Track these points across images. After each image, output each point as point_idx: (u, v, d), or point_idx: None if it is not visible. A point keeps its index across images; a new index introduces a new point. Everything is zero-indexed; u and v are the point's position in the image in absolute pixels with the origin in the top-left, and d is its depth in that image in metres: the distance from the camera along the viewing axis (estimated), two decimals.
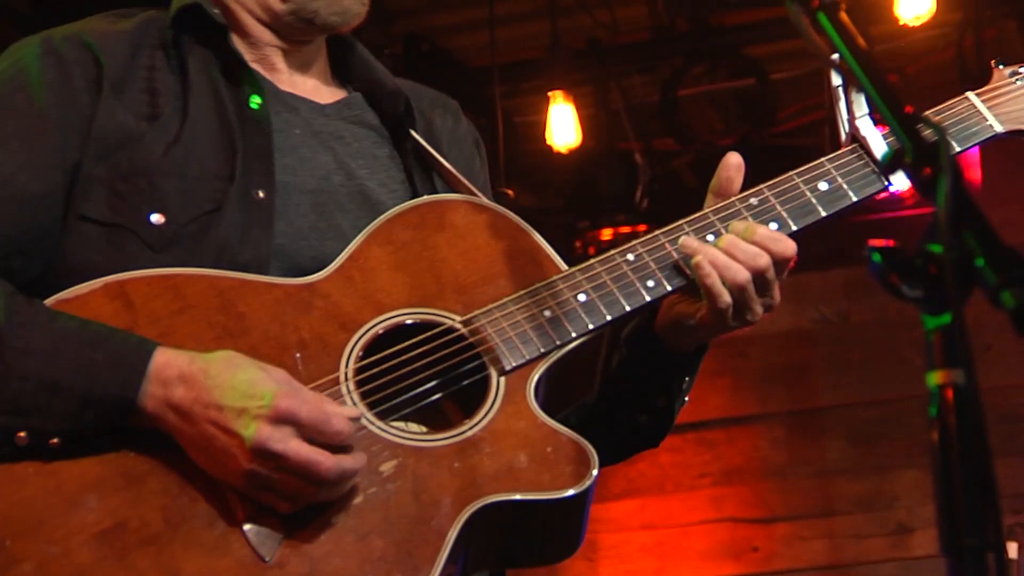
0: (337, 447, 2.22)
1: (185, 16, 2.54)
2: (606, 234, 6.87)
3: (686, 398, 2.64)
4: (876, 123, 2.49)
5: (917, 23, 5.85)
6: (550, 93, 6.56)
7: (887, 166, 2.46)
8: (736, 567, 6.98)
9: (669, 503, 6.91)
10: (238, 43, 2.56)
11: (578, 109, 6.56)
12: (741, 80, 6.83)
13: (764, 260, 2.43)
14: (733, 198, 2.54)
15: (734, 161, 2.55)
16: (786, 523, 6.98)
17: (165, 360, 2.26)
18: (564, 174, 6.90)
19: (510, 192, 6.53)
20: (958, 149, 2.64)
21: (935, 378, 1.85)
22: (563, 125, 6.53)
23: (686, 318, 2.52)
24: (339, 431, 2.22)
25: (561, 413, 2.44)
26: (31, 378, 2.25)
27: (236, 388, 2.23)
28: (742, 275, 2.42)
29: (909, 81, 6.34)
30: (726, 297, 2.42)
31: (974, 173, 5.41)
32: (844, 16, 2.10)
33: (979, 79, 6.28)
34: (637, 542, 6.94)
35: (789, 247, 2.46)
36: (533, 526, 2.34)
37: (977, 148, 2.71)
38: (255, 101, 2.49)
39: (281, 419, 2.20)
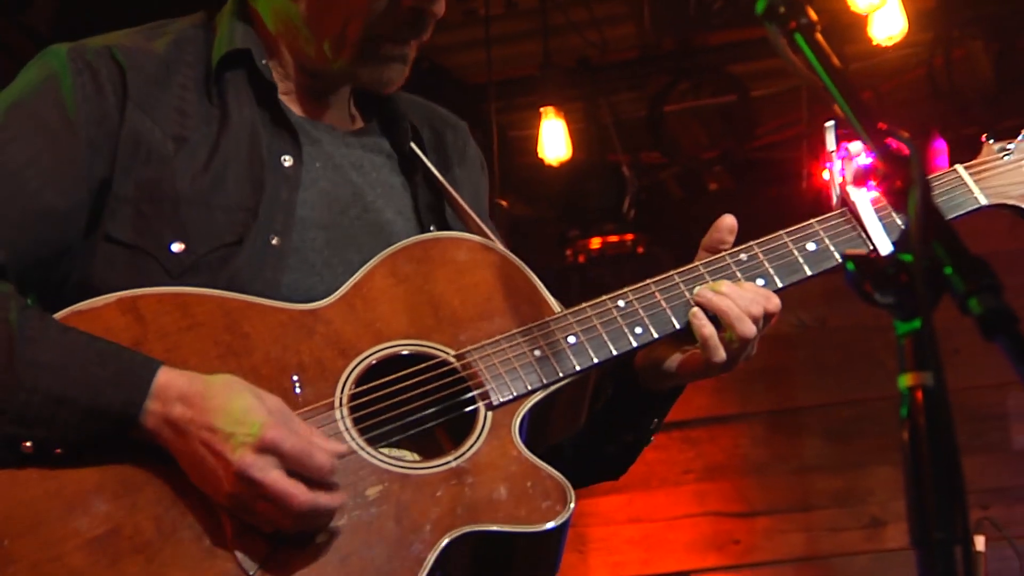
0: (318, 482, 2.20)
1: (233, 57, 2.50)
2: (595, 243, 6.84)
3: (651, 438, 2.61)
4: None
5: (889, 43, 5.84)
6: (542, 109, 6.52)
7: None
8: (718, 559, 6.97)
9: (655, 498, 6.91)
10: (274, 70, 2.53)
11: (569, 124, 6.53)
12: (724, 97, 6.81)
13: (759, 310, 2.43)
14: (724, 253, 2.52)
15: (727, 224, 2.54)
16: (766, 517, 6.97)
17: (167, 379, 2.24)
18: (556, 186, 6.88)
19: (504, 203, 6.50)
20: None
21: (906, 380, 1.85)
22: (555, 139, 6.50)
23: (667, 361, 2.50)
24: (320, 466, 2.21)
25: (544, 447, 2.42)
26: (39, 390, 2.23)
27: (230, 413, 2.21)
28: (749, 328, 2.41)
29: (883, 98, 6.34)
30: (721, 352, 2.42)
31: None
32: (820, 37, 2.09)
33: (949, 96, 6.37)
34: (624, 535, 6.93)
35: (775, 304, 2.46)
36: (508, 556, 2.32)
37: (946, 159, 2.69)
38: (286, 159, 2.47)
39: (265, 448, 2.19)
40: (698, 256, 2.55)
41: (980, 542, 5.25)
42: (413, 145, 2.60)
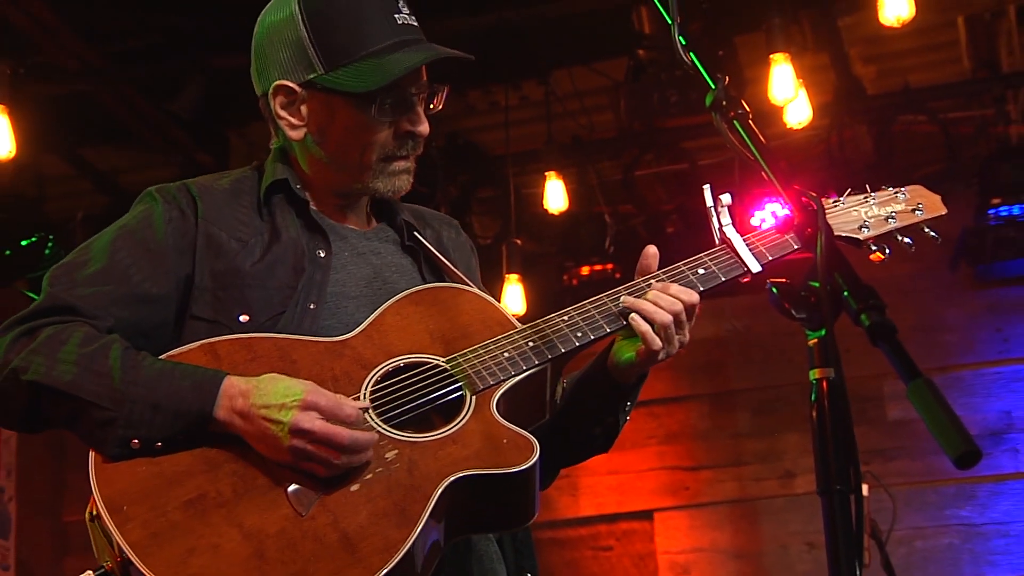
0: (352, 426, 2.21)
1: (276, 186, 2.52)
2: (584, 270, 6.87)
3: (627, 417, 2.56)
4: (735, 228, 2.48)
5: (799, 127, 5.83)
6: (546, 173, 6.50)
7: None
8: (673, 501, 6.93)
9: (627, 456, 6.88)
10: (311, 201, 2.54)
11: (566, 184, 6.51)
12: (678, 165, 6.80)
13: (678, 306, 2.38)
14: (640, 279, 2.48)
15: (652, 252, 2.51)
16: (708, 470, 6.95)
17: (231, 383, 2.25)
18: (556, 228, 6.87)
19: (519, 241, 6.52)
20: (796, 246, 2.52)
21: (814, 374, 1.87)
22: (556, 195, 6.48)
23: (626, 356, 2.44)
24: (349, 414, 2.21)
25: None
26: (139, 401, 2.24)
27: (277, 392, 2.22)
28: (665, 317, 2.37)
29: (794, 167, 6.34)
30: (655, 339, 2.37)
31: None
32: (751, 122, 2.12)
33: (841, 165, 6.38)
34: (605, 483, 6.91)
35: (695, 297, 2.41)
36: (494, 494, 2.28)
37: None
38: (321, 252, 2.47)
39: (308, 407, 2.19)
40: (634, 277, 2.50)
41: (865, 489, 5.22)
42: (416, 234, 2.59)
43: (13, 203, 6.49)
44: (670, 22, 2.23)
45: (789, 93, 5.60)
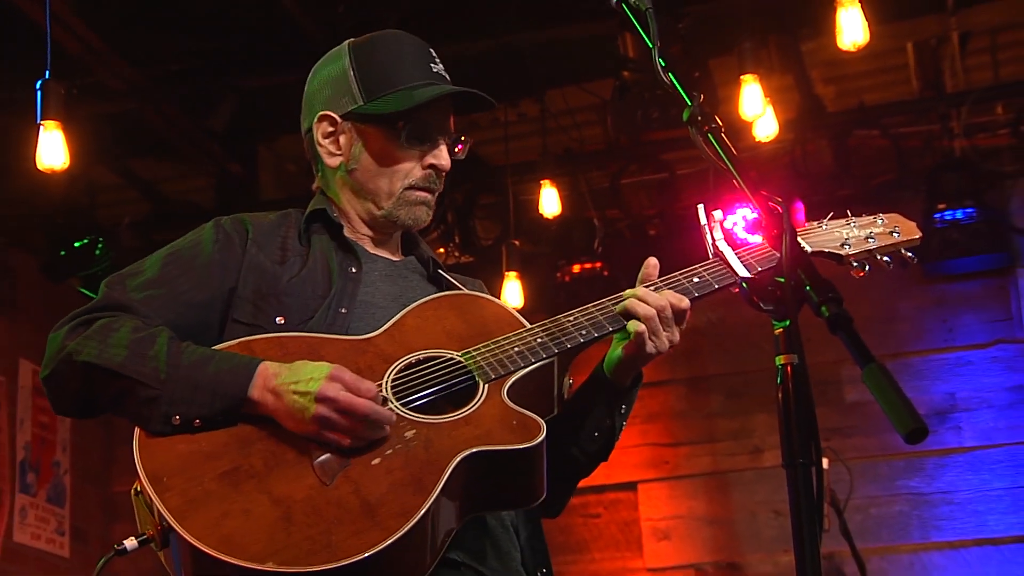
0: (371, 400, 2.19)
1: (314, 215, 2.55)
2: (576, 268, 6.82)
3: (624, 422, 2.52)
4: (728, 244, 2.46)
5: (767, 140, 5.83)
6: (542, 181, 6.50)
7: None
8: (655, 473, 6.91)
9: None
10: (345, 226, 2.56)
11: (559, 191, 6.51)
12: (659, 174, 6.80)
13: (663, 302, 2.36)
14: (651, 281, 2.45)
15: (652, 263, 2.49)
16: (686, 446, 6.93)
17: (265, 367, 2.25)
18: (550, 231, 6.86)
19: (517, 242, 6.51)
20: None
21: (780, 360, 1.86)
22: (550, 201, 6.47)
23: (622, 356, 2.41)
24: (368, 388, 2.19)
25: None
26: (181, 382, 2.24)
27: (305, 371, 2.22)
28: (648, 310, 2.35)
29: (762, 176, 6.33)
30: (649, 343, 2.36)
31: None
32: (723, 136, 2.11)
33: (804, 176, 6.39)
34: None
35: (684, 302, 2.40)
36: (504, 470, 2.25)
37: (803, 215, 2.69)
38: (353, 268, 2.48)
39: (333, 379, 2.18)
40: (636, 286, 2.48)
41: (825, 463, 5.22)
42: (440, 271, 2.60)
43: (68, 209, 6.50)
44: (651, 46, 2.22)
45: (758, 110, 5.60)
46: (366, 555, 2.06)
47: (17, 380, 6.79)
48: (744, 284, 1.96)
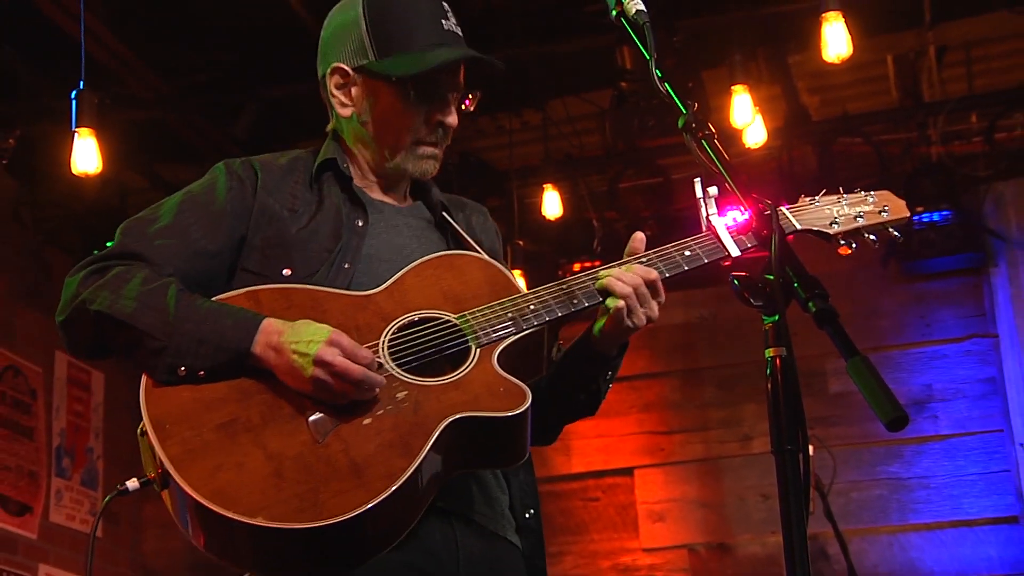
0: (365, 366, 2.14)
1: (325, 164, 2.47)
2: (576, 266, 6.81)
3: (610, 384, 2.47)
4: (720, 216, 2.40)
5: (756, 147, 5.83)
6: (544, 185, 6.49)
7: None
8: (651, 460, 6.89)
9: (612, 422, 6.87)
10: (353, 172, 2.48)
11: (561, 194, 6.49)
12: (655, 179, 6.79)
13: (637, 280, 2.30)
14: (631, 257, 2.41)
15: (639, 237, 2.45)
16: (680, 434, 6.92)
17: (269, 323, 2.19)
18: (552, 231, 6.85)
19: (521, 242, 6.50)
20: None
21: (769, 352, 1.86)
22: (552, 204, 6.48)
23: (606, 329, 2.36)
24: (365, 355, 2.14)
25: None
26: (187, 335, 2.17)
27: (307, 332, 2.16)
28: (624, 289, 2.30)
29: (751, 180, 6.31)
30: (625, 317, 2.30)
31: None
32: (716, 142, 2.10)
33: (790, 179, 6.38)
34: (594, 445, 6.89)
35: (652, 274, 2.33)
36: (488, 435, 2.19)
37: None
38: (360, 222, 2.41)
39: (332, 344, 2.13)
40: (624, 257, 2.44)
41: (811, 450, 5.20)
42: (444, 214, 2.53)
43: (100, 210, 6.50)
44: (648, 59, 2.21)
45: (747, 118, 5.60)
46: (350, 515, 2.03)
47: (53, 371, 6.79)
48: (737, 281, 1.94)
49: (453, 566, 2.24)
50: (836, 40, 5.02)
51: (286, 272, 2.33)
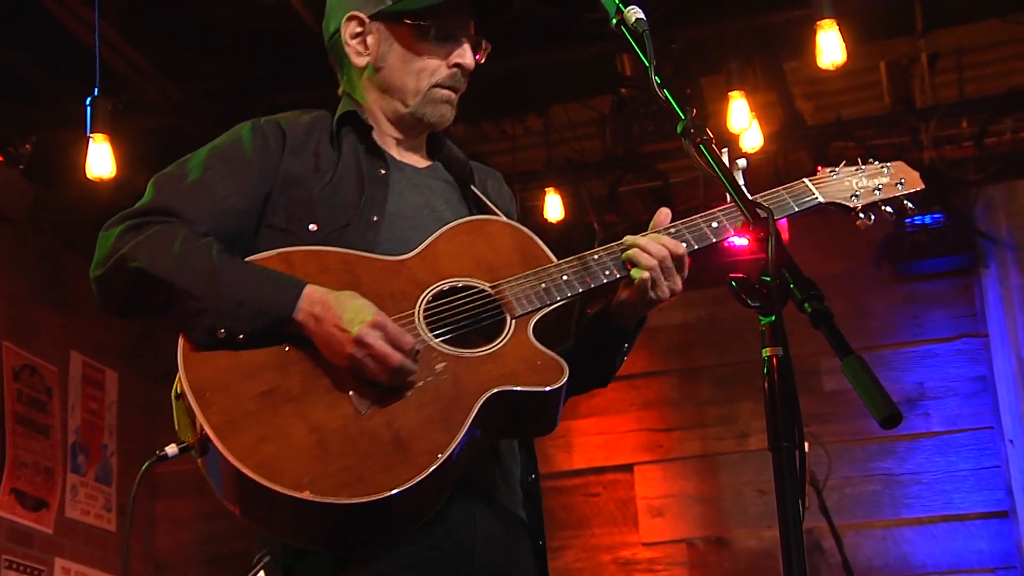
0: (405, 353, 2.10)
1: (345, 117, 2.42)
2: None
3: (625, 357, 2.44)
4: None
5: (752, 151, 5.84)
6: (546, 189, 6.51)
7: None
8: (650, 456, 6.88)
9: (612, 419, 6.86)
10: (374, 128, 2.43)
11: (562, 198, 6.50)
12: (654, 182, 6.79)
13: (664, 252, 2.29)
14: (663, 227, 2.39)
15: (666, 213, 2.43)
16: (678, 431, 6.91)
17: (311, 291, 2.13)
18: (554, 234, 6.86)
19: None
20: (796, 209, 2.47)
21: (766, 352, 1.85)
22: (554, 207, 6.47)
23: (627, 302, 2.33)
24: (407, 341, 2.10)
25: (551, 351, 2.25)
26: (228, 297, 2.11)
27: (352, 308, 2.11)
28: (650, 261, 2.29)
29: (748, 183, 6.32)
30: (649, 289, 2.28)
31: (784, 235, 5.43)
32: (713, 147, 2.10)
33: (786, 182, 6.35)
34: (595, 441, 6.89)
35: (680, 248, 2.32)
36: (524, 408, 2.16)
37: (786, 220, 2.62)
38: (382, 170, 2.37)
39: (375, 326, 2.09)
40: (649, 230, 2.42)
41: (806, 446, 5.20)
42: (467, 177, 2.49)
43: (114, 214, 6.48)
44: (648, 66, 2.21)
45: (744, 124, 5.60)
46: (395, 491, 2.00)
47: (68, 370, 6.80)
48: (734, 283, 1.94)
49: (470, 545, 2.21)
50: (830, 47, 5.02)
51: (312, 227, 2.28)
